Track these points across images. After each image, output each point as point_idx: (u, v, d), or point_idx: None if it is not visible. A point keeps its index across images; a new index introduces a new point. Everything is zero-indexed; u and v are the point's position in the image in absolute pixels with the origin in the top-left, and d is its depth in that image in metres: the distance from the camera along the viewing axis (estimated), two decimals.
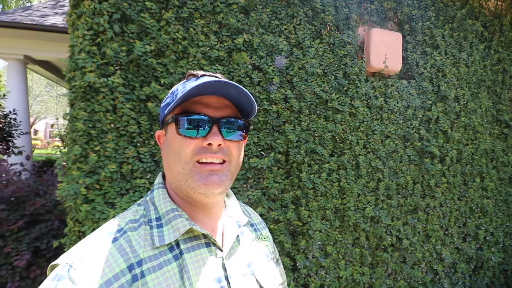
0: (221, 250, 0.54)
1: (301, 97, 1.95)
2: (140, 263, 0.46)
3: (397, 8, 2.35)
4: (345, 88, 2.09)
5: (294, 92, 1.93)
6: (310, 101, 1.95)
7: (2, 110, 4.53)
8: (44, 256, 1.82)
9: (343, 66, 2.07)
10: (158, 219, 0.52)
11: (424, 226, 2.33)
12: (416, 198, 2.29)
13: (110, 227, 0.50)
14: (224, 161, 0.52)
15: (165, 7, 1.64)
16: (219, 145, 0.51)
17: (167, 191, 0.57)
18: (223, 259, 0.54)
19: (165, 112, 0.54)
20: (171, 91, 0.57)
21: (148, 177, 1.62)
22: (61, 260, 0.44)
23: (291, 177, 1.91)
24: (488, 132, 2.64)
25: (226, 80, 0.49)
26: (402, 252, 2.21)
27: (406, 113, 2.30)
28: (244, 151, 1.81)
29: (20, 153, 4.17)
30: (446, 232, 2.43)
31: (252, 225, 0.67)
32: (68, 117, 1.54)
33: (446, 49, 2.48)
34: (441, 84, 2.42)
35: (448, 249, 2.41)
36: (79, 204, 1.46)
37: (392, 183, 2.21)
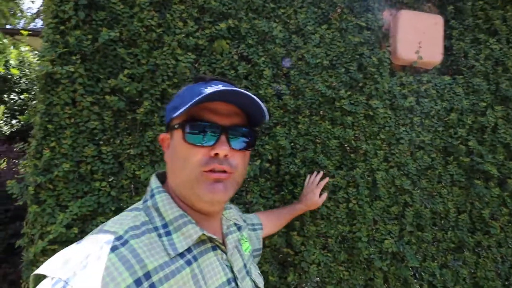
0: (225, 253, 0.56)
1: (299, 94, 1.59)
2: (148, 275, 0.42)
3: None
4: (360, 84, 1.66)
5: (290, 88, 1.58)
6: (310, 98, 1.58)
7: None
8: (18, 254, 1.75)
9: (358, 56, 1.66)
10: (165, 226, 0.50)
11: (473, 271, 1.71)
12: (462, 232, 1.70)
13: (107, 234, 0.45)
14: (228, 171, 0.51)
15: None
16: (225, 155, 0.50)
17: (170, 195, 0.54)
18: (228, 261, 0.55)
19: (172, 116, 0.53)
20: (177, 94, 0.56)
21: (110, 179, 1.42)
22: (51, 272, 0.38)
23: (283, 192, 1.54)
24: None
25: (238, 88, 0.48)
26: None
27: (448, 118, 1.75)
28: None
29: None
30: (507, 283, 1.76)
31: (240, 228, 0.68)
32: (33, 112, 1.44)
33: (508, 36, 1.87)
34: (500, 81, 1.81)
35: None
36: (29, 205, 1.32)
37: (426, 210, 1.67)
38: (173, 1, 1.50)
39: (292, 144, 1.56)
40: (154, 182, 0.56)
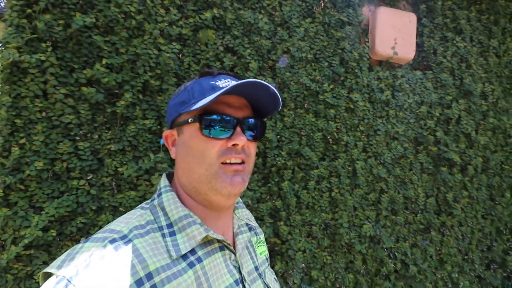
0: (234, 254, 0.54)
1: (285, 87, 1.61)
2: (149, 276, 0.41)
3: None
4: (341, 78, 1.72)
5: (276, 81, 1.59)
6: (296, 92, 1.61)
7: None
8: None
9: (340, 51, 1.71)
10: (170, 226, 0.49)
11: (438, 249, 1.91)
12: (429, 215, 1.88)
13: (111, 233, 0.44)
14: (243, 161, 0.51)
15: None
16: (242, 145, 0.51)
17: (177, 194, 0.54)
18: (237, 262, 0.54)
19: (182, 111, 0.52)
20: (183, 88, 0.54)
21: (89, 177, 1.34)
22: (57, 270, 0.38)
23: (269, 184, 1.58)
24: None
25: (260, 80, 0.48)
26: (409, 281, 1.81)
27: (419, 111, 1.90)
28: None
29: None
30: (466, 257, 2.00)
31: (251, 228, 0.66)
32: None
33: (471, 34, 2.04)
34: (464, 76, 1.99)
35: (467, 277, 1.98)
36: None
37: (399, 196, 1.81)
38: None
39: (278, 136, 1.59)
40: (163, 181, 0.55)
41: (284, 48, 1.59)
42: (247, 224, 0.65)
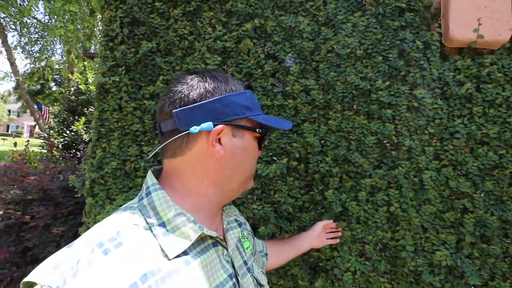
0: (227, 249, 0.56)
1: (330, 88, 1.50)
2: (144, 278, 0.40)
3: None
4: (402, 73, 1.48)
5: (319, 82, 1.51)
6: (342, 92, 1.48)
7: None
8: None
9: (398, 42, 1.49)
10: (162, 225, 0.48)
11: None
12: None
13: (98, 236, 0.42)
14: None
15: (174, 5, 1.60)
16: None
17: (167, 192, 0.53)
18: (229, 257, 0.55)
19: (248, 115, 0.55)
20: (241, 90, 0.56)
21: None
22: (40, 279, 0.36)
23: (312, 192, 1.47)
24: None
25: (291, 124, 0.62)
26: None
27: None
28: None
29: None
30: None
31: (240, 224, 0.67)
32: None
33: None
34: None
35: None
36: (86, 197, 1.54)
37: (492, 218, 1.38)
38: (203, 9, 1.59)
39: (322, 141, 1.48)
40: (150, 179, 0.54)
41: (328, 47, 1.50)
42: (236, 220, 0.67)
